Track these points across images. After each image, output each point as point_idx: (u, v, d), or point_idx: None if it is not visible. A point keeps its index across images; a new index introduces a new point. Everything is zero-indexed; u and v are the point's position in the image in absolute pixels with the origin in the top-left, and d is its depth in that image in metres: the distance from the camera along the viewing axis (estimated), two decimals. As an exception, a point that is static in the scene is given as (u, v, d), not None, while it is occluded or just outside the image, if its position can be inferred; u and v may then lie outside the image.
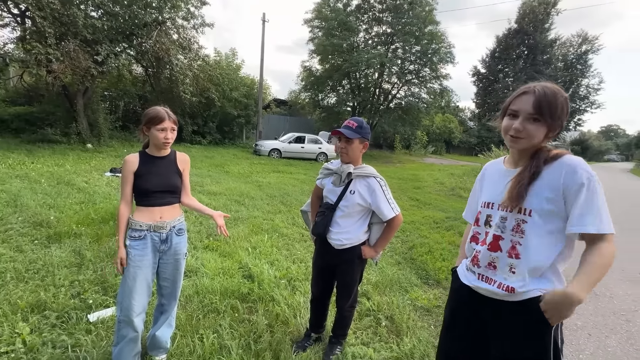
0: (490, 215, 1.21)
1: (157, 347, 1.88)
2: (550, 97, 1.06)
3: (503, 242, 1.13)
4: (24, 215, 4.00)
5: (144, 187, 1.68)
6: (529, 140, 1.09)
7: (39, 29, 8.49)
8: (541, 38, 32.72)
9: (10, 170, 6.44)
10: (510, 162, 1.23)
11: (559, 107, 1.06)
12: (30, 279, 2.62)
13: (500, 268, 1.14)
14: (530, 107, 1.07)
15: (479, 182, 1.38)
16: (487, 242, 1.18)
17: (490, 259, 1.16)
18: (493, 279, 1.15)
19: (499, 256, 1.14)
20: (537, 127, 1.07)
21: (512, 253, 1.11)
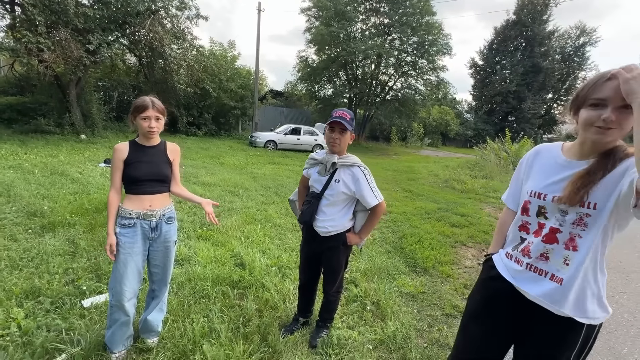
0: (543, 207, 1.14)
1: (148, 331, 1.95)
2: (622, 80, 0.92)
3: (561, 235, 1.09)
4: (17, 205, 4.02)
5: (134, 175, 1.72)
6: (621, 132, 0.99)
7: (29, 17, 8.34)
8: (539, 30, 32.54)
9: (3, 160, 6.41)
10: (575, 153, 1.13)
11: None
12: (24, 267, 2.67)
13: (553, 259, 1.11)
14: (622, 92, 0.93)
15: (527, 165, 1.28)
16: (542, 234, 1.13)
17: (544, 250, 1.13)
18: (544, 270, 1.12)
19: (555, 248, 1.10)
20: (630, 117, 0.95)
21: (569, 245, 1.08)
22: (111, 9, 9.89)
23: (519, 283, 1.19)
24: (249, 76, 18.14)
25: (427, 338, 2.23)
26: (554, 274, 1.11)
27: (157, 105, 1.73)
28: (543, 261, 1.14)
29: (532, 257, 1.16)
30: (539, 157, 1.25)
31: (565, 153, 1.16)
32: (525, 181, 1.26)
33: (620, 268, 3.85)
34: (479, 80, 37.03)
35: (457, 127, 32.92)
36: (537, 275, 1.15)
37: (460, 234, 4.66)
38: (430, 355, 2.05)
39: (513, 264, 1.22)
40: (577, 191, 1.04)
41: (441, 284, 3.08)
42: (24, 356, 1.76)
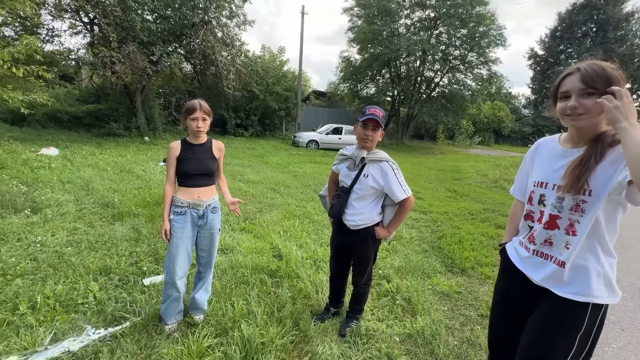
0: (543, 194, 1.21)
1: (196, 308, 2.20)
2: (597, 69, 1.05)
3: (560, 221, 1.15)
4: (94, 197, 4.69)
5: (185, 170, 1.97)
6: (590, 116, 1.07)
7: (104, 34, 9.57)
8: (614, 12, 28.75)
9: (83, 159, 7.46)
10: (569, 142, 1.21)
11: (610, 77, 1.03)
12: (99, 249, 3.13)
13: (556, 244, 1.17)
14: (580, 82, 1.06)
15: (530, 158, 1.37)
16: (542, 221, 1.20)
17: (546, 236, 1.19)
18: (549, 255, 1.19)
19: (556, 233, 1.17)
20: (594, 100, 1.04)
21: (569, 230, 1.14)
22: (170, 23, 10.93)
23: (526, 269, 1.27)
24: (293, 78, 18.69)
25: (458, 337, 2.20)
26: (557, 257, 1.17)
27: (204, 107, 1.96)
28: (547, 246, 1.20)
29: (536, 243, 1.23)
30: (540, 149, 1.34)
31: (562, 143, 1.24)
32: (530, 173, 1.34)
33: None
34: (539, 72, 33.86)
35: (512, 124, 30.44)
36: (542, 259, 1.22)
37: (506, 237, 4.39)
38: (459, 354, 2.03)
39: (522, 251, 1.30)
40: (577, 180, 1.09)
41: (479, 285, 2.97)
42: (98, 321, 2.11)
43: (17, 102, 5.57)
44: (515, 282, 1.31)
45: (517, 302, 1.32)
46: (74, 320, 2.10)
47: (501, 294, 1.42)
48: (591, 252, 1.13)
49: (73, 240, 3.26)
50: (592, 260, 1.13)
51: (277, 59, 17.85)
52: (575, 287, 1.13)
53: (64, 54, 11.13)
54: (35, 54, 5.37)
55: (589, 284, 1.12)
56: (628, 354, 2.10)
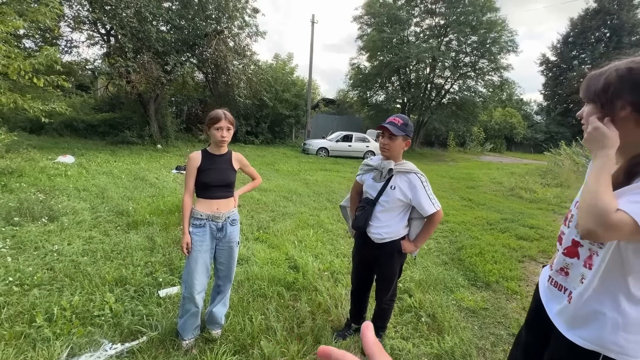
0: (573, 215, 1.06)
1: (213, 323, 2.13)
2: (596, 73, 0.93)
3: (582, 250, 0.99)
4: (109, 205, 4.70)
5: (205, 181, 1.93)
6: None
7: (121, 45, 9.80)
8: (628, 17, 28.29)
9: (98, 167, 7.55)
10: None
11: (602, 83, 0.90)
12: (114, 258, 3.11)
13: (572, 275, 1.02)
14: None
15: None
16: (563, 245, 1.07)
17: (564, 264, 1.05)
18: (563, 286, 1.05)
19: (574, 263, 1.01)
20: (588, 111, 0.94)
21: (587, 262, 0.98)
22: (184, 33, 11.15)
23: (544, 298, 1.13)
24: (303, 86, 18.82)
25: (490, 358, 2.07)
26: (572, 291, 1.01)
27: (228, 117, 1.93)
28: (562, 276, 1.06)
29: (553, 269, 1.09)
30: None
31: None
32: None
33: None
34: (551, 78, 33.42)
35: (525, 131, 29.98)
36: (556, 290, 1.07)
37: (529, 248, 4.23)
38: (493, 377, 1.90)
39: (545, 276, 1.16)
40: None
41: (506, 301, 2.83)
42: (115, 335, 2.06)
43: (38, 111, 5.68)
44: (539, 312, 1.15)
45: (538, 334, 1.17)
46: (91, 333, 2.05)
47: (526, 321, 1.27)
48: (609, 295, 0.93)
49: (89, 249, 3.25)
50: (608, 305, 0.93)
51: (286, 66, 18.01)
52: (585, 332, 0.96)
53: (82, 64, 11.42)
54: (55, 64, 5.48)
55: (602, 332, 0.93)
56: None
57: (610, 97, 0.88)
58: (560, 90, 31.60)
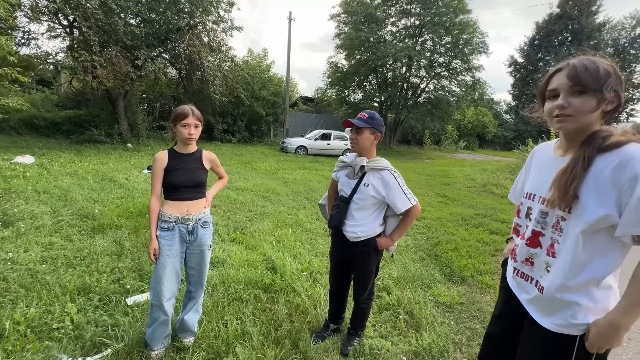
0: (531, 207, 1.11)
1: (185, 330, 2.02)
2: (588, 64, 0.93)
3: (543, 239, 1.04)
4: (72, 208, 4.40)
5: (172, 182, 1.81)
6: (579, 118, 0.95)
7: (85, 38, 9.22)
8: (587, 22, 30.12)
9: (62, 168, 7.08)
10: (560, 148, 1.08)
11: (602, 73, 0.91)
12: (77, 265, 2.90)
13: (537, 265, 1.06)
14: (569, 79, 0.94)
15: (526, 167, 1.26)
16: (525, 237, 1.09)
17: (528, 254, 1.08)
18: (530, 276, 1.08)
19: (538, 252, 1.05)
20: (584, 101, 0.93)
21: (550, 251, 1.02)
22: (155, 27, 10.66)
23: (513, 287, 1.17)
24: (280, 84, 18.59)
25: (466, 352, 2.10)
26: (538, 280, 1.05)
27: (196, 113, 1.82)
28: (528, 266, 1.09)
29: (517, 260, 1.12)
30: (535, 157, 1.22)
31: (555, 150, 1.10)
32: (525, 183, 1.22)
33: None
34: (519, 79, 34.99)
35: (495, 129, 31.24)
36: (523, 280, 1.11)
37: (501, 242, 4.38)
38: (469, 371, 1.93)
39: (510, 267, 1.20)
40: (566, 190, 0.94)
41: (481, 295, 2.89)
42: (76, 349, 1.90)
43: (-12, 106, 5.22)
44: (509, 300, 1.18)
45: (509, 323, 1.19)
46: (48, 348, 1.88)
47: (495, 311, 1.30)
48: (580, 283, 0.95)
49: (48, 256, 3.01)
50: (582, 297, 0.96)
51: (262, 62, 17.71)
52: (559, 319, 0.99)
53: (42, 58, 10.65)
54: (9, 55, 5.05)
55: (576, 318, 0.96)
56: (638, 366, 2.05)
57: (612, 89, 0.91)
58: (528, 91, 33.14)
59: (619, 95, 0.92)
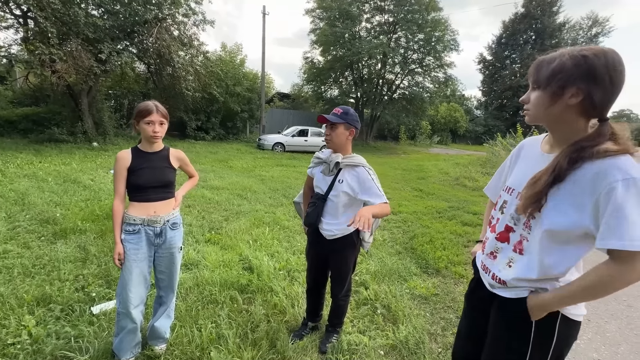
0: (506, 201, 1.08)
1: (156, 337, 1.93)
2: (546, 59, 0.92)
3: (513, 235, 1.03)
4: (31, 213, 4.10)
5: (137, 183, 1.71)
6: (535, 112, 0.96)
7: (42, 29, 8.56)
8: (549, 22, 31.80)
9: (18, 169, 6.57)
10: (547, 143, 1.06)
11: (555, 68, 0.88)
12: (36, 274, 2.69)
13: (499, 259, 1.06)
14: (528, 75, 0.96)
15: (511, 160, 1.22)
16: (496, 230, 1.09)
17: (494, 247, 1.08)
18: (489, 269, 1.09)
19: (504, 247, 1.05)
20: (538, 95, 0.93)
21: (517, 247, 1.01)
22: (120, 19, 10.09)
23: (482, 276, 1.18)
24: (255, 79, 18.24)
25: (441, 342, 2.15)
26: (495, 273, 1.07)
27: (161, 110, 1.72)
28: (490, 259, 1.10)
29: (484, 252, 1.14)
30: (524, 151, 1.19)
31: (543, 144, 1.08)
32: (508, 177, 1.20)
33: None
34: (488, 76, 36.44)
35: (467, 124, 32.42)
36: (484, 272, 1.14)
37: (473, 233, 4.54)
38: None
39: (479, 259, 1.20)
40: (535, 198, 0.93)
41: (454, 285, 2.98)
42: (34, 364, 1.76)
43: None
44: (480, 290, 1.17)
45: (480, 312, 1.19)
46: (2, 366, 1.74)
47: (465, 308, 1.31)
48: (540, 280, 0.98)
49: (3, 265, 2.78)
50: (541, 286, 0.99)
51: (236, 57, 17.29)
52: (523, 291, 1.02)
53: (-9, 50, 9.81)
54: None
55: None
56: (598, 345, 2.19)
57: (563, 83, 0.88)
58: (496, 87, 34.61)
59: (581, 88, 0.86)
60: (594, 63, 0.85)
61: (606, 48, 0.88)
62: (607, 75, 0.85)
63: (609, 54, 0.87)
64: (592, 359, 2.05)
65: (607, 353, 2.11)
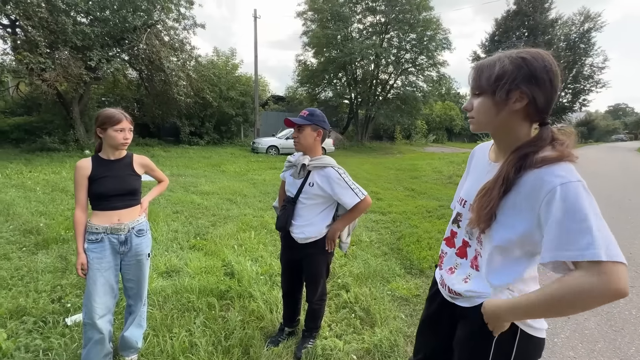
0: (460, 214, 1.04)
1: (127, 348, 1.90)
2: (485, 64, 0.89)
3: (470, 250, 1.00)
4: (14, 223, 4.07)
5: (99, 192, 1.69)
6: (479, 119, 0.92)
7: (29, 38, 8.56)
8: (541, 18, 31.91)
9: (7, 180, 6.54)
10: (494, 152, 1.02)
11: (497, 72, 0.85)
12: (14, 286, 2.66)
13: (457, 274, 1.03)
14: (469, 81, 0.93)
15: (467, 169, 1.18)
16: (456, 246, 1.05)
17: (454, 263, 1.04)
18: (446, 283, 1.05)
19: (462, 263, 1.01)
20: (481, 102, 0.90)
21: (473, 263, 0.98)
22: (109, 26, 10.09)
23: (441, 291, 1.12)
24: (249, 83, 18.24)
25: (417, 344, 2.13)
26: (450, 287, 1.03)
27: (128, 117, 1.74)
28: (448, 274, 1.05)
29: (443, 268, 1.08)
30: (474, 159, 1.14)
31: (490, 152, 1.03)
32: (461, 187, 1.15)
33: (630, 260, 3.66)
34: (482, 74, 36.54)
35: (462, 122, 32.48)
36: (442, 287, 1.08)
37: (461, 232, 4.52)
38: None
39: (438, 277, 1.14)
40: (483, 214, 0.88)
41: (437, 286, 2.96)
42: (0, 379, 1.74)
43: None
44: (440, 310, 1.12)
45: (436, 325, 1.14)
46: (-33, 382, 1.71)
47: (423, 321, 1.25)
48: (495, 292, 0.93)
49: (-21, 278, 2.75)
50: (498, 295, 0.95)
51: (229, 62, 17.30)
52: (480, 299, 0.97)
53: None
54: None
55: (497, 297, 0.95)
56: (575, 343, 2.17)
57: (508, 87, 0.84)
58: (490, 85, 34.72)
59: (525, 91, 0.83)
60: (534, 65, 0.83)
61: (541, 50, 0.86)
62: (547, 77, 0.83)
63: (545, 56, 0.85)
64: (568, 357, 2.03)
65: (583, 351, 2.09)
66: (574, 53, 33.66)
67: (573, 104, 35.62)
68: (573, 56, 33.58)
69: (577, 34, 33.58)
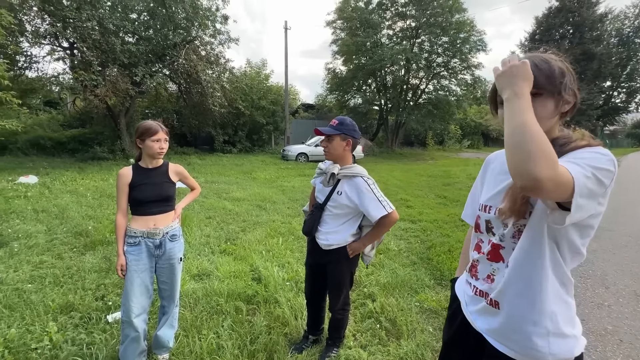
0: (489, 220, 1.01)
1: (160, 347, 2.01)
2: (540, 63, 0.85)
3: (504, 252, 0.96)
4: (67, 226, 4.47)
5: (138, 198, 1.82)
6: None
7: (85, 58, 9.48)
8: (588, 14, 29.71)
9: (63, 186, 7.22)
10: None
11: (557, 72, 0.84)
12: (64, 283, 2.92)
13: (496, 280, 0.97)
14: None
15: (480, 178, 1.16)
16: (485, 252, 1.02)
17: (490, 270, 0.99)
18: (487, 293, 0.99)
19: (499, 267, 0.97)
20: (541, 104, 0.84)
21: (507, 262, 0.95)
22: (152, 43, 10.91)
23: (469, 311, 1.05)
24: (279, 92, 18.74)
25: (446, 360, 2.03)
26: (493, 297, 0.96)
27: (164, 128, 1.86)
28: (488, 283, 0.99)
29: (479, 278, 1.02)
30: (490, 165, 1.12)
31: None
32: (480, 194, 1.11)
33: None
34: (521, 75, 34.61)
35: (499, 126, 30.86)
36: (479, 298, 1.01)
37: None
38: (448, 380, 1.86)
39: (467, 289, 1.07)
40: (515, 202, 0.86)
41: (470, 299, 2.81)
42: (50, 369, 1.90)
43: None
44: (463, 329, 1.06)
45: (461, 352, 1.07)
46: (23, 369, 1.89)
47: (446, 343, 1.17)
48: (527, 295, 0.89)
49: (37, 275, 3.05)
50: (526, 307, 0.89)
51: (261, 73, 17.91)
52: (516, 344, 0.91)
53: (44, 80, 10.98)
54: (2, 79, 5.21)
55: (530, 340, 0.88)
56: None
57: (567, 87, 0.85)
58: (531, 86, 32.75)
59: (576, 94, 0.86)
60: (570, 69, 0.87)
61: None
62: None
63: None
64: None
65: None
66: (628, 49, 30.92)
67: (628, 104, 32.60)
68: (627, 52, 30.85)
69: (632, 28, 30.86)
